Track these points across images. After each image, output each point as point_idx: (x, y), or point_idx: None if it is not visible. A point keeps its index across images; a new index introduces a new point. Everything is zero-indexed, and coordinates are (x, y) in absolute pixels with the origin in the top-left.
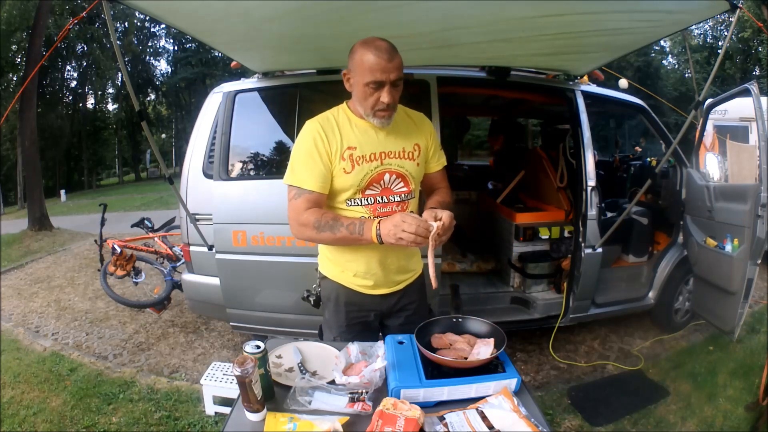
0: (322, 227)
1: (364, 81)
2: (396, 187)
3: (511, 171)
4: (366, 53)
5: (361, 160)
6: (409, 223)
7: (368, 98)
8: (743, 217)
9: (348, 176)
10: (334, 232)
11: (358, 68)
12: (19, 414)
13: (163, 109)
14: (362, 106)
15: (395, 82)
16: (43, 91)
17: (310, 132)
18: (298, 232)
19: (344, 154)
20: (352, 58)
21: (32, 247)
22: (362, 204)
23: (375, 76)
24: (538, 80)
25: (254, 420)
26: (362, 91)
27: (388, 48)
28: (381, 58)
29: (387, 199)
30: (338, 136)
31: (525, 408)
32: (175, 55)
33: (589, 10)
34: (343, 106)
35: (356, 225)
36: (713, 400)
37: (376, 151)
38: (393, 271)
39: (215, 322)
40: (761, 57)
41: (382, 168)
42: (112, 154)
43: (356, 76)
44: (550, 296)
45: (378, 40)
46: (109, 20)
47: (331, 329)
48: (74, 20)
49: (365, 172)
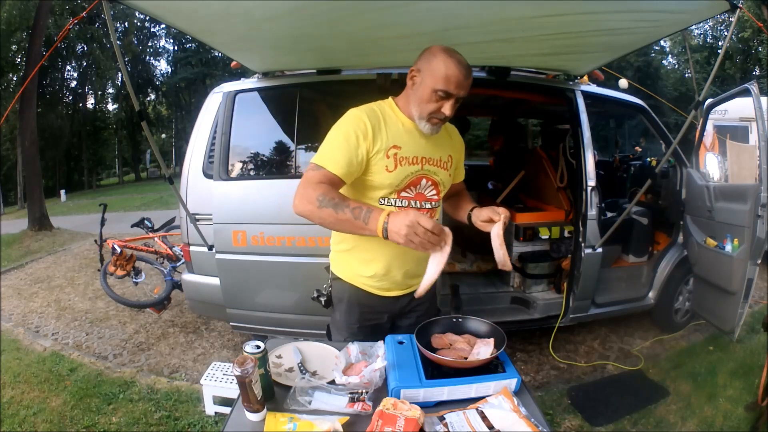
0: (325, 204)
1: (436, 87)
2: (429, 194)
3: (511, 171)
4: (448, 62)
5: (404, 161)
6: (423, 227)
7: (430, 104)
8: (743, 217)
9: (389, 174)
10: (337, 211)
11: (434, 73)
12: (19, 414)
13: (163, 109)
14: (420, 108)
15: (460, 98)
16: (43, 91)
17: (354, 120)
18: (300, 203)
19: (389, 151)
20: (429, 61)
21: (32, 247)
22: (395, 205)
23: (449, 87)
24: (538, 80)
25: (254, 420)
26: (428, 95)
27: (468, 65)
28: (460, 73)
29: (419, 204)
30: (384, 131)
31: (525, 408)
32: (175, 55)
33: (589, 10)
34: (389, 101)
35: (363, 210)
36: (713, 400)
37: (419, 155)
38: (411, 274)
39: (215, 322)
40: (761, 57)
41: (422, 173)
42: (112, 154)
43: (427, 79)
44: (550, 296)
45: (458, 54)
46: (109, 20)
47: (341, 330)
48: (74, 20)
49: (407, 173)
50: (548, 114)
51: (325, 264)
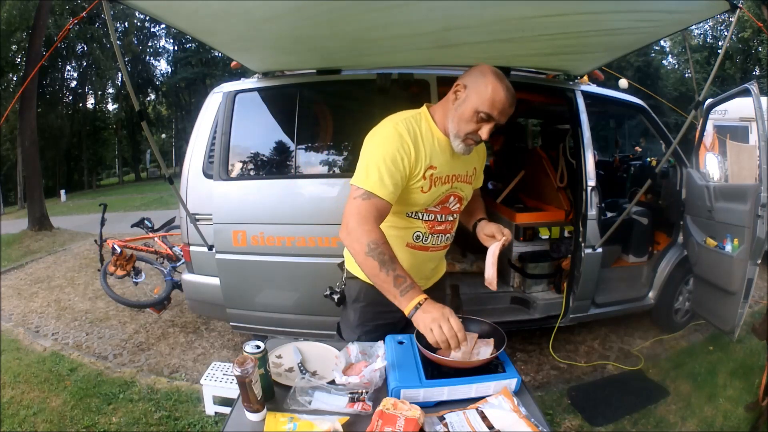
0: (373, 254)
1: (480, 108)
2: (453, 207)
3: (511, 171)
4: (498, 87)
5: (437, 181)
6: (449, 327)
7: (470, 123)
8: (743, 217)
9: (423, 195)
10: (381, 268)
11: (481, 93)
12: (19, 414)
13: (163, 109)
14: (458, 126)
15: (498, 124)
16: (43, 91)
17: (397, 138)
18: (347, 238)
19: (426, 173)
20: (478, 81)
21: (32, 247)
22: (422, 219)
23: (493, 112)
24: (538, 80)
25: (254, 420)
26: (470, 114)
27: (514, 93)
28: (507, 100)
29: (443, 218)
30: (423, 151)
31: (525, 408)
32: (175, 55)
33: (590, 10)
34: (425, 112)
35: (404, 283)
36: (713, 400)
37: (450, 173)
38: (424, 277)
39: (215, 322)
40: (761, 57)
41: (451, 191)
42: (112, 154)
43: (473, 98)
44: (550, 296)
45: (506, 79)
46: (109, 20)
47: (353, 329)
48: (74, 20)
49: (439, 193)
50: (548, 114)
51: (328, 263)
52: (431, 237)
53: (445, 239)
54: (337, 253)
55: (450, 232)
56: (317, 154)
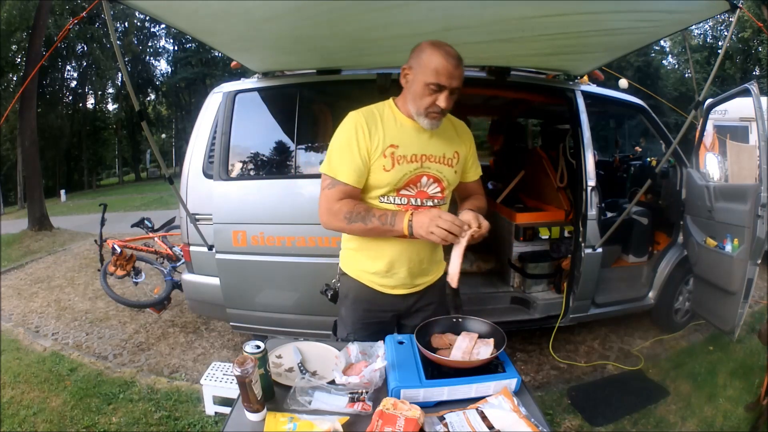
0: (354, 218)
1: (427, 81)
2: (431, 191)
3: (511, 171)
4: (436, 55)
5: (402, 159)
6: (445, 219)
7: (425, 98)
8: (743, 217)
9: (387, 174)
10: (366, 223)
11: (424, 67)
12: (19, 414)
13: (163, 109)
14: (415, 104)
15: (454, 90)
16: (43, 91)
17: (353, 123)
18: (328, 221)
19: (386, 151)
20: (419, 56)
21: (32, 247)
22: (395, 203)
23: (439, 79)
24: (538, 80)
25: (254, 420)
26: (421, 90)
27: (457, 55)
28: (450, 63)
29: (421, 202)
30: (381, 131)
31: (525, 408)
32: (175, 55)
33: (590, 10)
34: (389, 102)
35: (388, 216)
36: (713, 400)
37: (418, 152)
38: (415, 273)
39: (215, 322)
40: (761, 57)
41: (421, 170)
42: (112, 154)
43: (418, 75)
44: (550, 296)
45: (447, 45)
46: (109, 20)
47: (346, 326)
48: (74, 20)
49: (404, 172)
50: (548, 114)
51: (327, 263)
52: None
53: None
54: (337, 253)
55: None
56: (317, 154)
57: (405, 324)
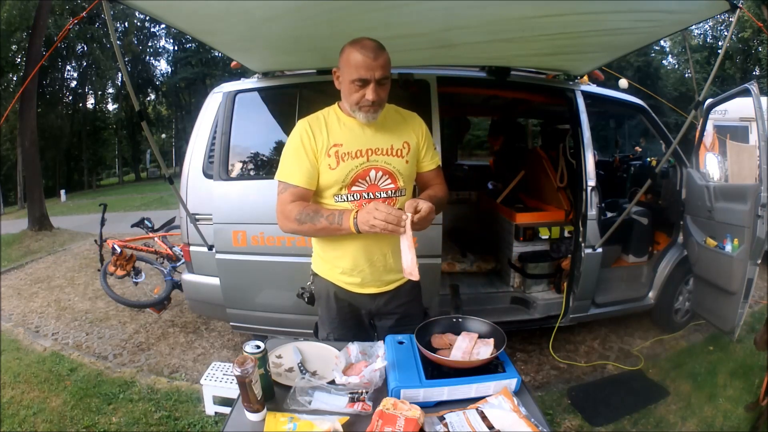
0: (303, 219)
1: (350, 78)
2: (383, 184)
3: (511, 171)
4: (353, 52)
5: (346, 156)
6: (380, 211)
7: (353, 94)
8: (743, 217)
9: (333, 172)
10: (315, 223)
11: (345, 66)
12: (19, 414)
13: (163, 109)
14: (348, 101)
15: (380, 80)
16: (43, 91)
17: (298, 130)
18: (283, 224)
19: (330, 150)
20: (341, 57)
21: (32, 247)
22: (348, 200)
23: (360, 74)
24: (538, 80)
25: (254, 420)
26: (348, 87)
27: (374, 47)
28: (367, 57)
29: (373, 195)
30: (325, 133)
31: (525, 408)
32: (175, 55)
33: (589, 10)
34: (334, 106)
35: (335, 215)
36: (713, 400)
37: (363, 147)
38: (380, 269)
39: (215, 322)
40: (761, 57)
41: (368, 164)
42: (112, 154)
43: (344, 74)
44: (550, 296)
45: (366, 39)
46: (109, 20)
47: (324, 326)
48: (74, 20)
49: (350, 168)
50: (548, 114)
51: None
52: None
53: None
54: None
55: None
56: None
57: (378, 325)
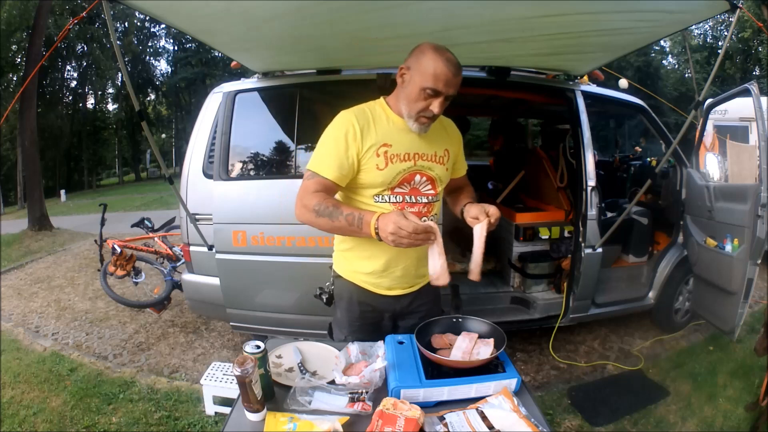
0: (322, 212)
1: (424, 85)
2: (424, 189)
3: (511, 171)
4: (437, 60)
5: (395, 158)
6: (405, 229)
7: (419, 102)
8: (743, 217)
9: (380, 173)
10: (332, 219)
11: (422, 71)
12: (19, 414)
13: (163, 109)
14: (409, 106)
15: (449, 96)
16: (43, 91)
17: (344, 123)
18: (300, 212)
19: (379, 150)
20: (418, 59)
21: (32, 247)
22: (390, 201)
23: (437, 85)
24: (538, 80)
25: (254, 420)
26: (417, 93)
27: (457, 63)
28: (449, 71)
29: (415, 199)
30: (373, 131)
31: (525, 408)
32: (175, 55)
33: (589, 10)
34: (380, 101)
35: (355, 216)
36: (713, 400)
37: (411, 151)
38: (412, 271)
39: (215, 322)
40: (761, 57)
41: (415, 169)
42: (112, 154)
43: (416, 77)
44: (550, 296)
45: (448, 52)
46: (109, 20)
47: (342, 328)
48: (74, 20)
49: (398, 170)
50: (548, 114)
51: (327, 263)
52: None
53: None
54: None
55: (427, 216)
56: None
57: (401, 325)
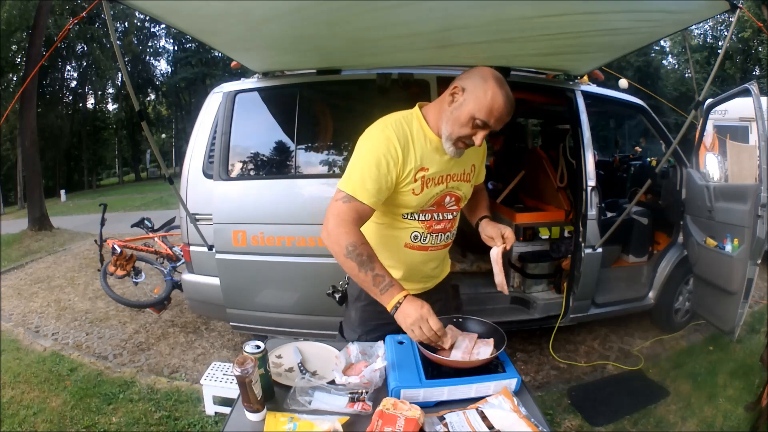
0: (352, 255)
1: (476, 114)
2: (450, 206)
3: (511, 171)
4: (497, 94)
5: (430, 182)
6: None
7: (465, 128)
8: (743, 217)
9: (415, 197)
10: (360, 269)
11: (479, 99)
12: (19, 414)
13: (163, 109)
14: (451, 129)
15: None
16: (43, 91)
17: (384, 142)
18: (328, 240)
19: (417, 175)
20: (478, 86)
21: (32, 247)
22: (418, 219)
23: (489, 119)
24: (538, 80)
25: (254, 420)
26: (466, 119)
27: (513, 101)
28: (506, 108)
29: (441, 216)
30: (413, 153)
31: (525, 408)
32: (175, 55)
33: (589, 10)
34: (416, 112)
35: (383, 281)
36: (713, 400)
37: (444, 173)
38: (426, 276)
39: (215, 322)
40: (761, 57)
41: (446, 191)
42: (112, 154)
43: (471, 103)
44: (550, 296)
45: (507, 85)
46: (109, 20)
47: (354, 329)
48: (74, 20)
49: (432, 194)
50: (548, 114)
51: (327, 263)
52: (430, 236)
53: (445, 238)
54: None
55: (450, 231)
56: (317, 154)
57: None
